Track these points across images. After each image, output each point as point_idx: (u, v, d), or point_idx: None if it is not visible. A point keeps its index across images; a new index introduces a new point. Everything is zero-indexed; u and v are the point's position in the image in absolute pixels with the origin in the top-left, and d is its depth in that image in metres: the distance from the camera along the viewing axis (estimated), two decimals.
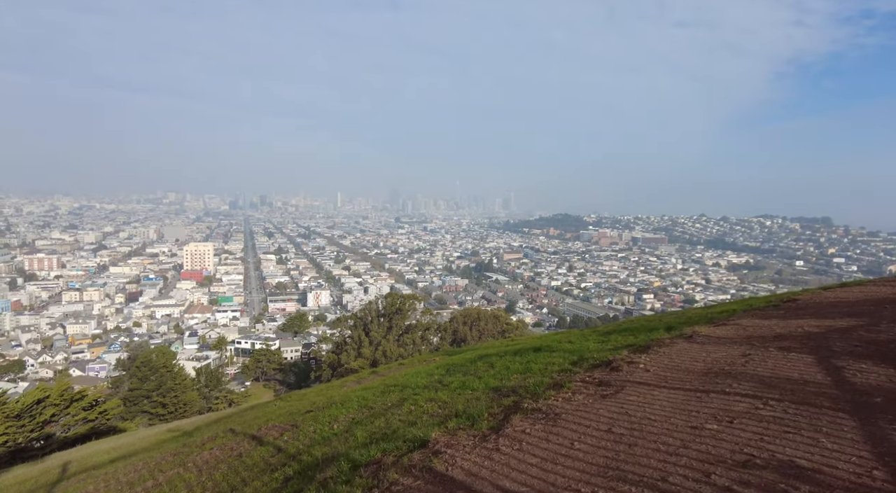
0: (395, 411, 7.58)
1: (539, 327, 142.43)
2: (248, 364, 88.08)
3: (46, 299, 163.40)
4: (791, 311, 10.53)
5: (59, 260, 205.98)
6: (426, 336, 60.41)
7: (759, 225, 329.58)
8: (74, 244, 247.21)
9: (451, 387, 8.27)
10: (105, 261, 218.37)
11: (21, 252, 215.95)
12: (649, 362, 7.09)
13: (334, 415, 8.55)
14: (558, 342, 11.13)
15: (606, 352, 8.38)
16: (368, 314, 61.61)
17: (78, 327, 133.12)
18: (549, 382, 6.83)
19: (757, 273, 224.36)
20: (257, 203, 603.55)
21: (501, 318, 73.18)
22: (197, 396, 56.36)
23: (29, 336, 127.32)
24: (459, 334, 65.66)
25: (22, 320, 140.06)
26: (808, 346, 7.12)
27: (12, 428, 28.52)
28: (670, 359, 7.25)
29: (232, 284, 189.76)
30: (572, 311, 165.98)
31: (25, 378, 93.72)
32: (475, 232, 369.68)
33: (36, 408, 30.24)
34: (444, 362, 12.73)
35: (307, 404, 11.32)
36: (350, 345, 58.49)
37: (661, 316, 14.77)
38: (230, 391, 65.37)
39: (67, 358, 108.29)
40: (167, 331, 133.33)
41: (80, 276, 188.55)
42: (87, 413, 32.93)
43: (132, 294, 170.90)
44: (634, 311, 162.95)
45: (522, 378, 7.63)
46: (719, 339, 8.32)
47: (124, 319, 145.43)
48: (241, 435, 9.04)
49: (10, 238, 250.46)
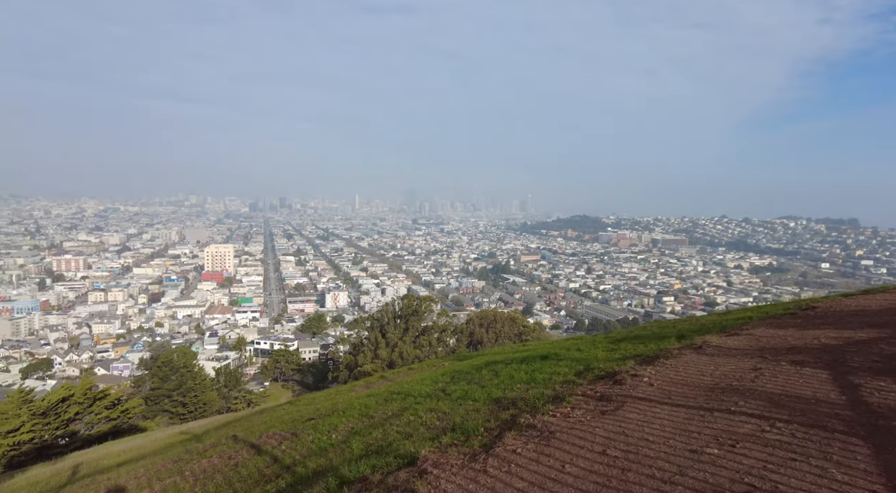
0: (394, 421, 7.46)
1: (557, 330, 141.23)
2: (267, 365, 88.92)
3: (73, 300, 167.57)
4: (809, 320, 10.06)
5: (86, 261, 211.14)
6: (442, 338, 60.27)
7: (782, 226, 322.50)
8: (100, 246, 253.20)
9: (452, 397, 8.11)
10: (129, 262, 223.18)
11: (49, 253, 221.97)
12: (654, 375, 6.83)
13: (334, 424, 8.45)
14: (566, 350, 10.86)
15: (613, 362, 8.12)
16: (385, 316, 61.70)
17: (103, 326, 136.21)
18: (550, 394, 6.63)
19: (780, 276, 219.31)
20: (277, 205, 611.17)
21: (518, 320, 72.70)
22: (216, 396, 57.04)
23: (57, 335, 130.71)
24: (476, 336, 65.41)
25: (50, 319, 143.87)
26: (824, 360, 6.73)
27: (38, 426, 29.20)
28: (676, 372, 6.97)
29: (252, 285, 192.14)
30: (591, 313, 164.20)
31: (53, 376, 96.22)
32: (492, 234, 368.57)
33: (61, 406, 30.90)
34: (452, 369, 12.55)
35: (312, 411, 11.25)
36: (367, 346, 58.65)
37: (675, 322, 14.35)
38: (249, 392, 65.97)
39: (93, 357, 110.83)
40: (188, 331, 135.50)
41: (105, 277, 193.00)
42: (110, 412, 33.55)
43: (155, 295, 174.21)
44: (654, 314, 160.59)
45: (525, 389, 7.45)
46: (730, 350, 7.98)
47: (147, 319, 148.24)
48: (242, 443, 8.99)
49: (40, 239, 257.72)
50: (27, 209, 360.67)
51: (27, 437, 28.32)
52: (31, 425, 28.93)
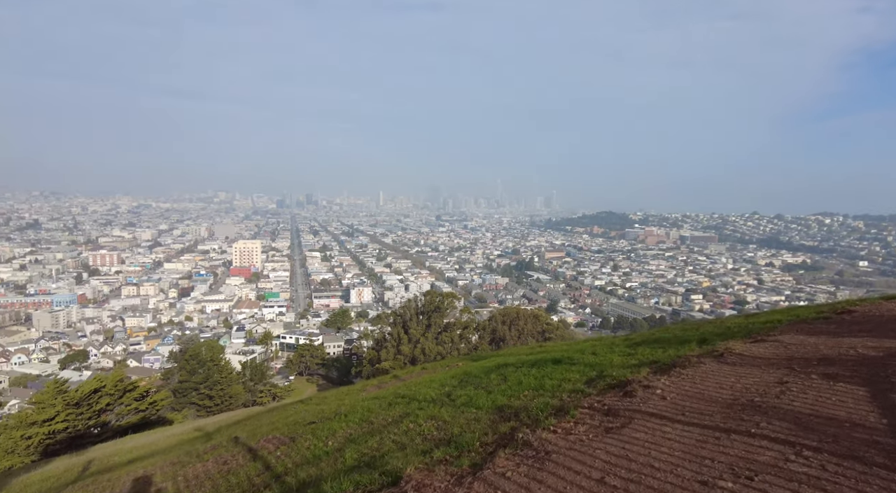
0: (393, 428, 7.16)
1: (582, 328, 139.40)
2: (292, 359, 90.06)
3: (108, 293, 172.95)
4: (844, 325, 9.20)
5: (119, 256, 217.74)
6: (465, 335, 59.98)
7: (817, 223, 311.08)
8: (133, 241, 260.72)
9: (456, 403, 7.77)
10: (160, 257, 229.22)
11: (86, 249, 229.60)
12: (668, 387, 6.28)
13: (333, 429, 8.21)
14: (581, 353, 10.36)
15: (628, 369, 7.60)
16: (407, 312, 61.74)
17: (135, 320, 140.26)
18: (555, 405, 6.18)
19: (815, 274, 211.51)
20: (303, 202, 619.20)
21: (541, 318, 71.83)
22: (242, 389, 57.88)
23: (92, 328, 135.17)
24: (498, 333, 64.85)
25: (87, 312, 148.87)
26: (861, 374, 5.98)
27: (72, 416, 29.93)
28: (693, 383, 6.38)
29: (278, 280, 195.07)
30: (616, 311, 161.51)
31: (89, 367, 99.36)
32: (516, 230, 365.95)
33: (93, 397, 31.63)
34: (463, 371, 12.18)
35: (318, 412, 11.04)
36: (389, 342, 58.81)
37: (700, 325, 13.61)
38: (274, 385, 66.84)
39: (126, 349, 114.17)
40: (217, 325, 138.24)
41: (138, 271, 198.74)
42: (139, 404, 34.27)
43: (184, 289, 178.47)
44: (682, 312, 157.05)
45: (531, 397, 7.03)
46: (754, 359, 7.30)
47: (177, 313, 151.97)
48: (241, 446, 8.82)
49: (77, 235, 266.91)
50: (66, 206, 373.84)
51: (62, 426, 29.08)
52: (66, 414, 29.67)
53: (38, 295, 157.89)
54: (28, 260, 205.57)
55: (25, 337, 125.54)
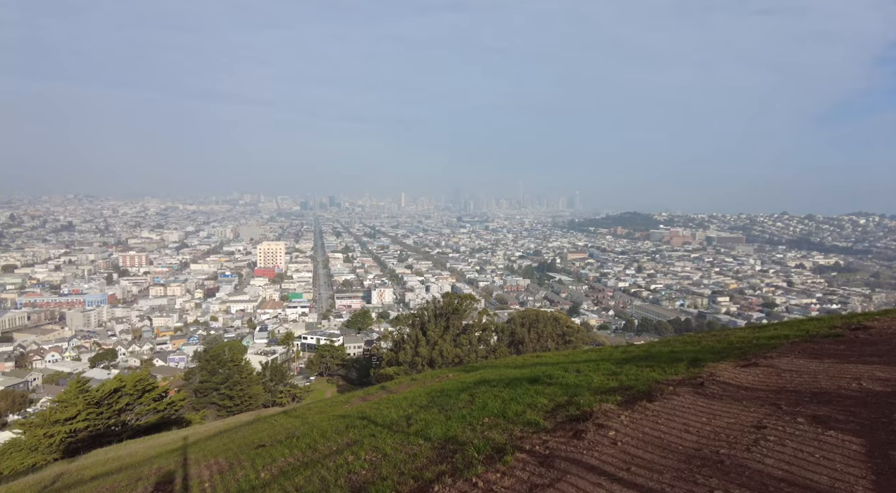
0: (330, 461, 7.03)
1: (605, 330, 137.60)
2: (313, 359, 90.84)
3: (136, 293, 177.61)
4: (855, 346, 8.21)
5: (147, 257, 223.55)
6: (483, 337, 59.62)
7: (850, 223, 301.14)
8: (160, 243, 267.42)
9: (409, 431, 7.59)
10: (187, 258, 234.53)
11: (116, 250, 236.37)
12: (626, 427, 5.55)
13: (274, 457, 8.20)
14: (565, 372, 9.82)
15: (600, 395, 7.08)
16: (426, 314, 61.67)
17: (162, 319, 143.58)
18: (500, 442, 5.72)
19: (848, 276, 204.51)
20: (326, 204, 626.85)
21: (562, 320, 71.06)
22: (262, 389, 58.48)
23: (121, 327, 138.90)
24: (517, 335, 64.35)
25: (116, 312, 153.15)
26: (859, 419, 4.93)
27: (93, 415, 30.54)
28: (655, 424, 5.56)
29: (302, 281, 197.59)
30: (641, 313, 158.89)
31: (117, 366, 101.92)
32: (538, 231, 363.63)
33: (113, 397, 32.25)
34: (439, 387, 11.95)
35: (281, 431, 11.10)
36: (408, 343, 58.76)
37: (701, 338, 12.86)
38: (294, 386, 67.42)
39: (153, 349, 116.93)
40: (241, 325, 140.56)
41: (165, 272, 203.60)
42: (157, 404, 34.88)
43: (210, 290, 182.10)
44: (708, 314, 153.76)
45: (486, 426, 6.69)
46: (738, 391, 6.45)
47: (203, 313, 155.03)
48: (181, 470, 8.86)
49: (108, 237, 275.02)
50: (98, 208, 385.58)
51: (82, 425, 29.64)
52: (86, 413, 30.24)
53: (71, 295, 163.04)
54: (62, 261, 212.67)
55: (59, 336, 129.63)
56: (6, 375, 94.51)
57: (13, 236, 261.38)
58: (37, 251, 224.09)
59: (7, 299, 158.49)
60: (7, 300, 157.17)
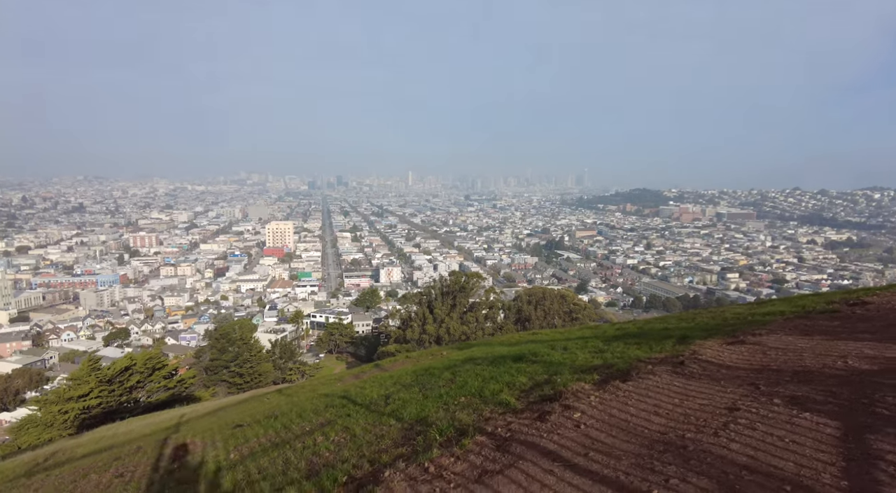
0: (299, 442, 7.03)
1: (613, 307, 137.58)
2: (322, 337, 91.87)
3: (147, 273, 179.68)
4: (849, 322, 7.91)
5: (157, 238, 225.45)
6: (490, 315, 59.88)
7: (864, 198, 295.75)
8: (170, 223, 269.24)
9: (385, 411, 7.54)
10: (196, 238, 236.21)
11: (126, 231, 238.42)
12: (593, 408, 5.34)
13: (248, 437, 8.20)
14: (551, 349, 9.70)
15: (578, 374, 6.90)
16: (433, 292, 61.91)
17: (174, 299, 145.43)
18: (465, 424, 5.58)
19: (861, 251, 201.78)
20: (334, 183, 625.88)
21: (569, 297, 70.96)
22: (271, 367, 59.34)
23: (134, 307, 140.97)
24: (524, 313, 64.52)
25: (128, 291, 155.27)
26: (839, 400, 4.66)
27: (105, 392, 31.19)
28: (625, 405, 5.33)
29: (310, 260, 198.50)
30: (649, 290, 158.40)
31: (130, 344, 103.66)
32: (546, 209, 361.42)
33: (124, 375, 32.87)
34: (427, 366, 11.90)
35: (265, 410, 11.12)
36: (415, 321, 59.16)
37: (697, 314, 12.69)
38: (303, 363, 68.34)
39: (165, 328, 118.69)
40: (251, 304, 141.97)
41: (175, 252, 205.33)
42: (167, 382, 35.56)
43: (220, 269, 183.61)
44: (717, 291, 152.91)
45: (460, 406, 6.58)
46: (718, 369, 6.17)
47: (213, 292, 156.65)
48: (155, 450, 8.97)
49: (119, 218, 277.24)
50: (108, 190, 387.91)
51: (95, 402, 30.28)
52: (98, 391, 30.87)
53: (84, 275, 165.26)
54: (74, 242, 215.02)
55: (74, 315, 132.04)
56: (24, 353, 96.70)
57: (26, 218, 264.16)
58: (49, 233, 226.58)
59: (23, 279, 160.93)
60: (23, 281, 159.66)
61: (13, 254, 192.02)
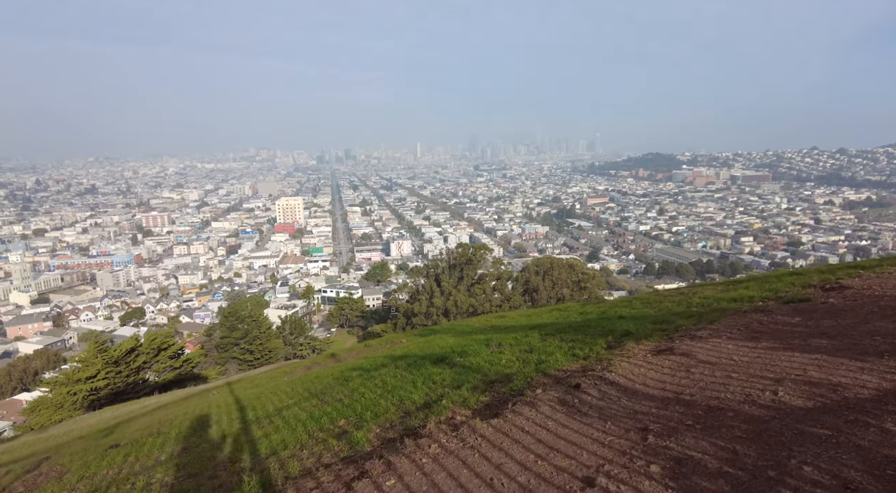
0: (170, 464, 6.69)
1: (625, 274, 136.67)
2: (333, 312, 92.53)
3: (161, 253, 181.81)
4: (814, 318, 6.72)
5: (170, 217, 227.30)
6: (498, 287, 59.46)
7: (885, 156, 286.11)
8: (181, 202, 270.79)
9: (256, 436, 7.12)
10: (207, 217, 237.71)
11: (139, 211, 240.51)
12: (417, 470, 4.28)
13: (102, 466, 7.80)
14: (485, 346, 8.89)
15: (471, 394, 6.14)
16: (439, 265, 61.67)
17: (188, 277, 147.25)
18: (287, 475, 5.01)
19: (881, 211, 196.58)
20: (342, 157, 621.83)
21: (577, 267, 70.11)
22: (282, 343, 59.93)
23: (149, 286, 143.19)
24: (531, 283, 63.90)
25: (143, 271, 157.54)
26: (737, 469, 3.35)
27: (112, 373, 31.51)
28: (457, 468, 4.16)
29: (321, 235, 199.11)
30: (661, 256, 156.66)
31: (145, 324, 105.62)
32: (557, 177, 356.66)
33: (130, 356, 33.16)
34: (354, 366, 11.31)
35: (176, 415, 10.68)
36: (422, 295, 59.03)
37: (664, 298, 11.51)
38: (314, 338, 68.95)
39: (179, 306, 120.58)
40: (264, 281, 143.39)
41: (187, 231, 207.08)
42: (173, 362, 35.88)
43: (232, 247, 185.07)
44: (731, 255, 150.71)
45: (331, 434, 6.02)
46: (618, 399, 5.01)
47: (226, 270, 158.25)
48: (25, 478, 8.44)
49: (130, 198, 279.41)
50: (119, 170, 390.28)
51: (103, 383, 30.61)
52: (105, 372, 31.16)
53: (99, 256, 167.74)
54: (89, 223, 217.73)
55: (91, 296, 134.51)
56: (45, 334, 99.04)
57: (41, 201, 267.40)
58: (64, 215, 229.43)
59: (41, 261, 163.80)
60: (41, 263, 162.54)
61: (31, 237, 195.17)
